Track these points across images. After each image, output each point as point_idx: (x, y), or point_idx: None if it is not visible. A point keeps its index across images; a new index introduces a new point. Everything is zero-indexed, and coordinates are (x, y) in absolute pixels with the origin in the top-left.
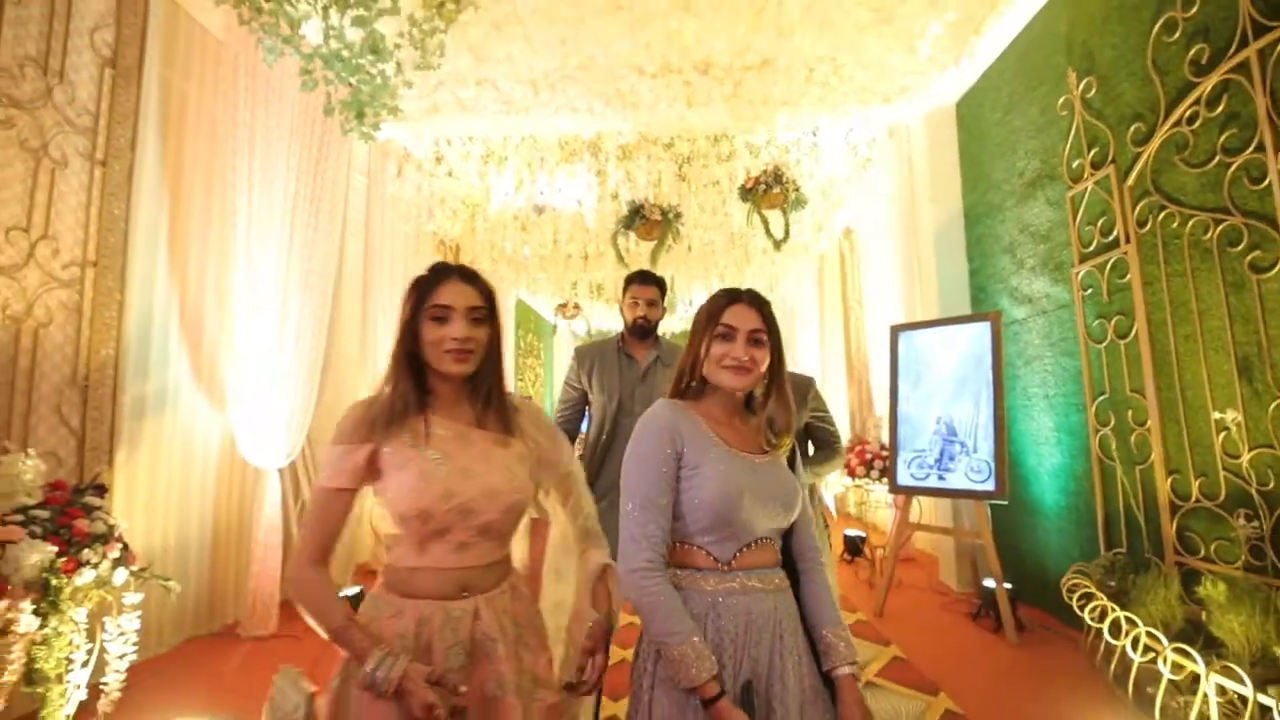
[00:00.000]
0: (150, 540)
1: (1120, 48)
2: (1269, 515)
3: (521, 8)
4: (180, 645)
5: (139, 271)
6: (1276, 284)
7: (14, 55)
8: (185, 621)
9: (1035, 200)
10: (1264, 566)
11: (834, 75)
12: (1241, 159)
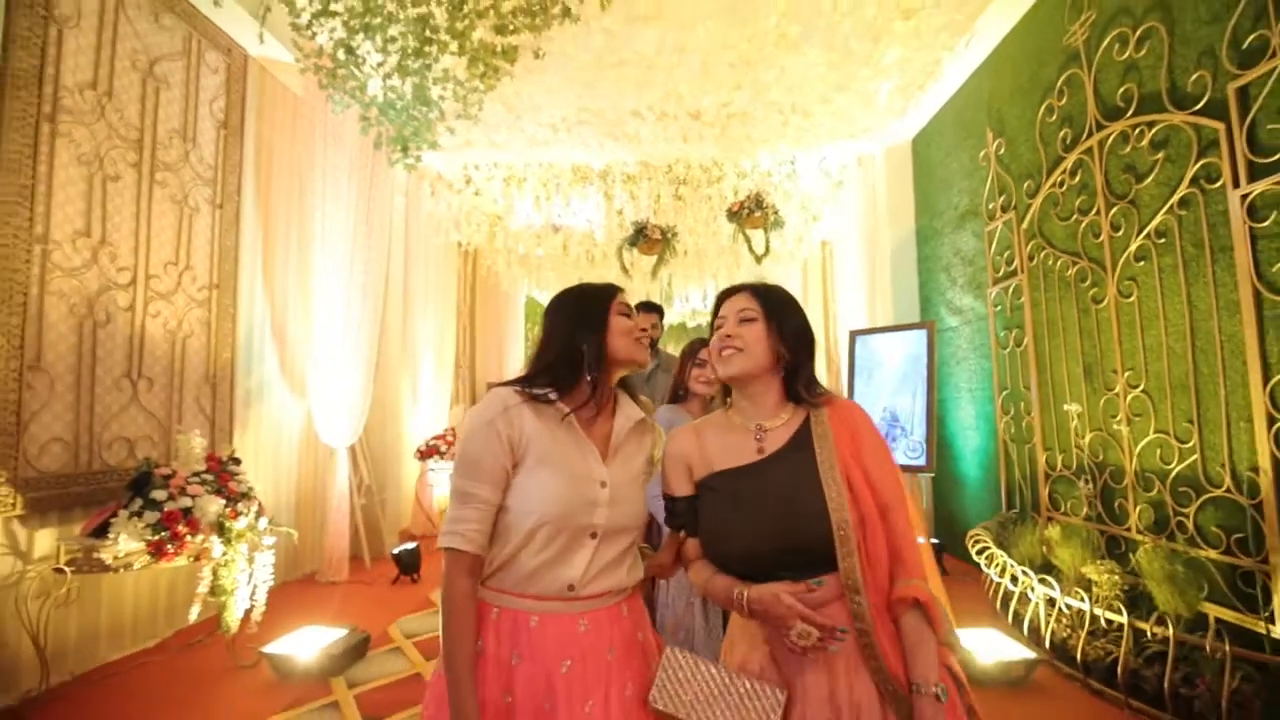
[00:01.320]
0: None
1: (1020, 119)
2: (1098, 480)
3: (547, 67)
4: (276, 588)
5: (245, 290)
6: (1107, 313)
7: (165, 130)
8: (279, 569)
9: (965, 230)
10: (1096, 516)
11: (805, 120)
12: (1088, 218)
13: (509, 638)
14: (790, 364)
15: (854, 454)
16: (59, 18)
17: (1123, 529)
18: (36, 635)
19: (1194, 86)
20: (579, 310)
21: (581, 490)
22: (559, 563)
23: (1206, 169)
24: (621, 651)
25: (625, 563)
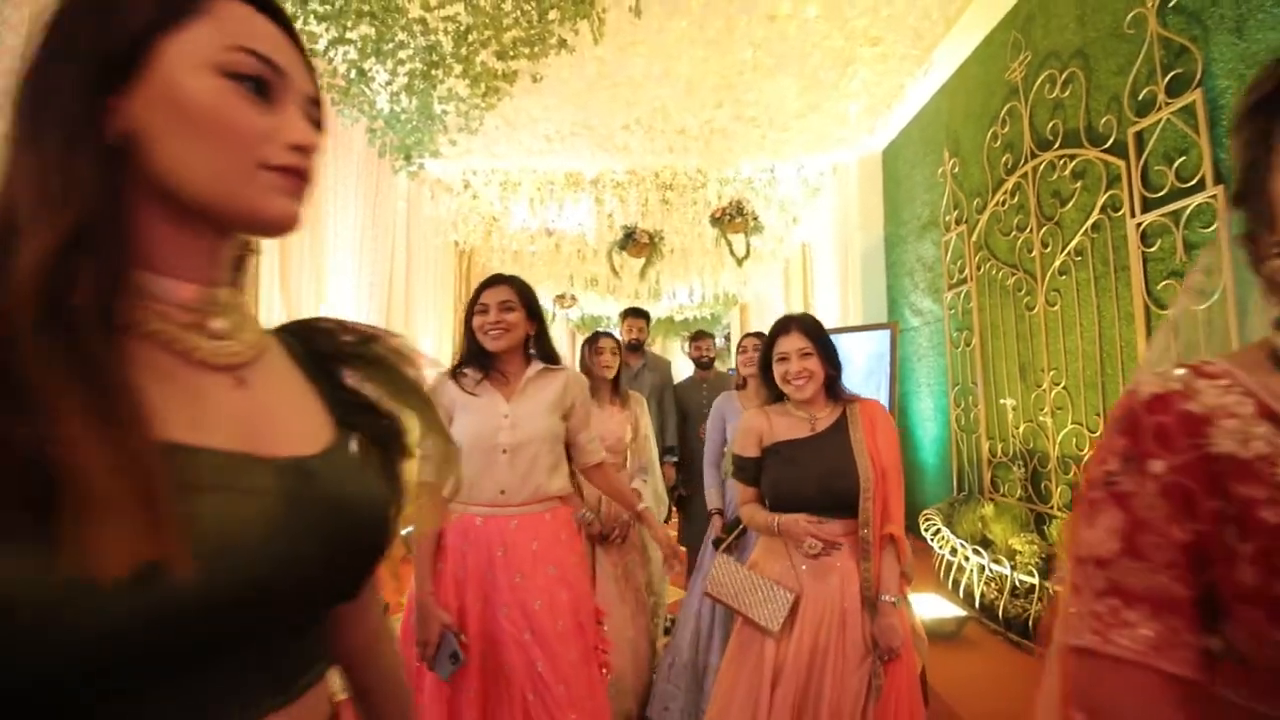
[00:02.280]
0: None
1: (972, 142)
2: (1029, 465)
3: (544, 88)
4: None
5: (264, 291)
6: (1037, 319)
7: None
8: None
9: (925, 239)
10: (1027, 496)
11: (782, 134)
12: (1023, 235)
13: (461, 533)
14: (832, 375)
15: (872, 436)
16: None
17: (1047, 507)
18: None
19: (1104, 127)
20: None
21: (487, 421)
22: (485, 475)
23: (1112, 199)
24: (544, 544)
25: (542, 471)
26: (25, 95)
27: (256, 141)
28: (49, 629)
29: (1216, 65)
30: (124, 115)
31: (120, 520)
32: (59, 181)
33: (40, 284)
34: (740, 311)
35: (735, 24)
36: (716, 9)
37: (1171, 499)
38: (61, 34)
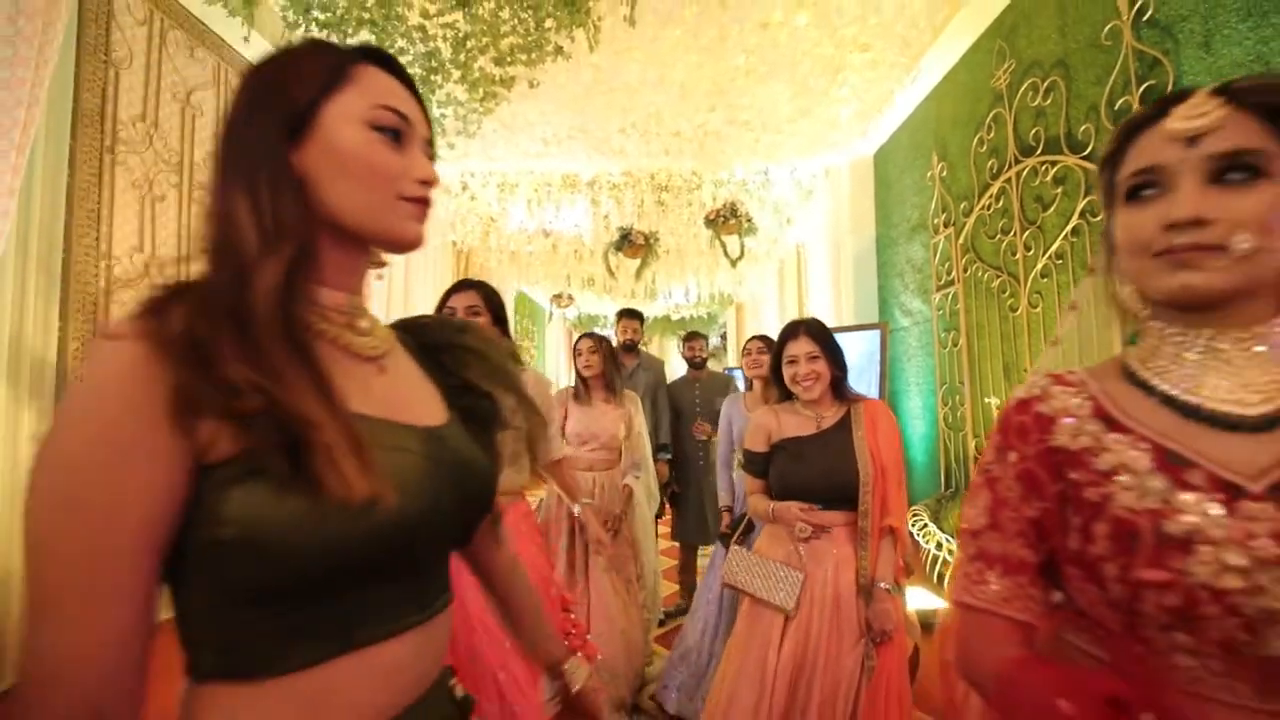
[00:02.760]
0: None
1: (959, 147)
2: None
3: (541, 93)
4: None
5: None
6: (1020, 320)
7: (200, 153)
8: None
9: (914, 241)
10: None
11: (775, 137)
12: (1007, 239)
13: None
14: (837, 377)
15: (873, 434)
16: (115, 60)
17: None
18: None
19: (1083, 135)
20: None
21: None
22: None
23: (1090, 205)
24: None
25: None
26: (229, 152)
27: (395, 178)
28: (305, 544)
29: (1187, 78)
30: (300, 163)
31: (350, 464)
32: (272, 221)
33: (277, 301)
34: (736, 311)
35: (728, 32)
36: (710, 18)
37: (1024, 483)
38: (254, 103)
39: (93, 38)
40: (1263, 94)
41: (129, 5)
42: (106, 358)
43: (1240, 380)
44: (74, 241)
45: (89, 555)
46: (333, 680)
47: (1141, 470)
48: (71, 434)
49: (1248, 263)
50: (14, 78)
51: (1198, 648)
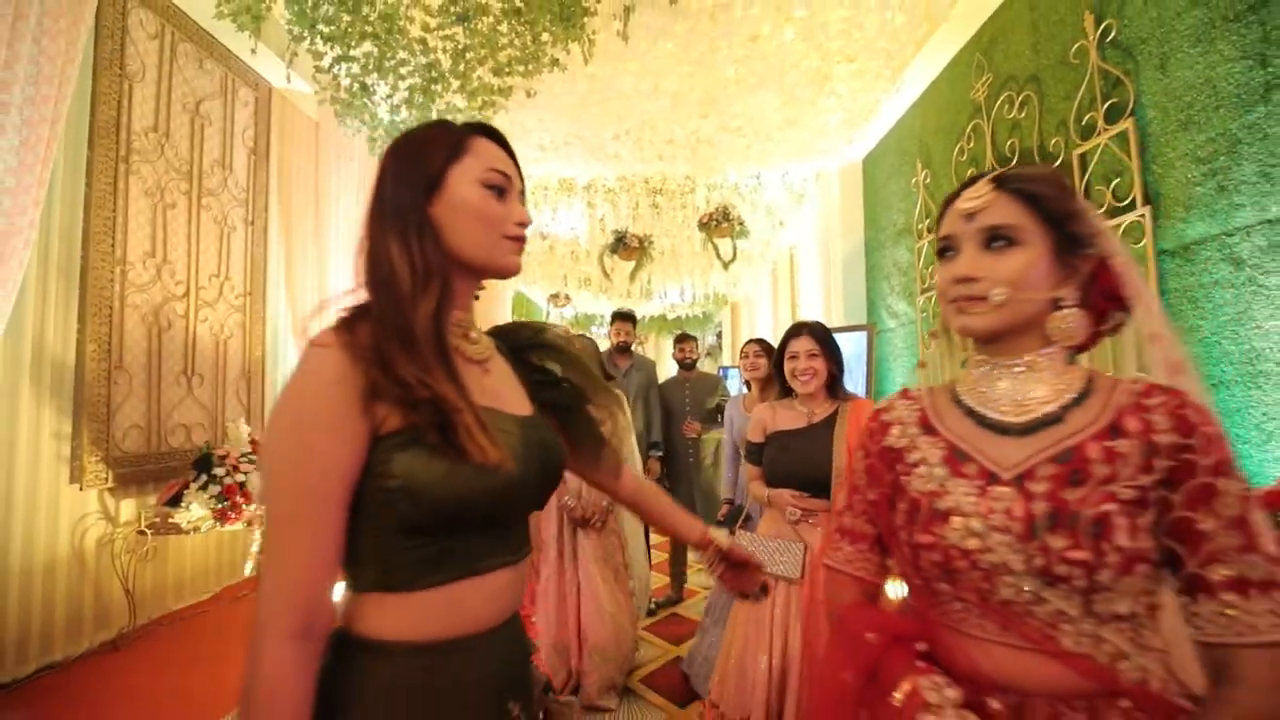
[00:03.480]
0: None
1: (941, 156)
2: None
3: (538, 102)
4: None
5: (272, 295)
6: None
7: (209, 161)
8: None
9: (900, 246)
10: None
11: (766, 144)
12: None
13: None
14: (834, 376)
15: (855, 431)
16: (129, 74)
17: None
18: (127, 585)
19: (1054, 148)
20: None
21: None
22: None
23: None
24: None
25: None
26: (382, 209)
27: (500, 223)
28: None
29: (1146, 97)
30: (433, 215)
31: (483, 438)
32: (421, 261)
33: (432, 326)
34: (731, 310)
35: (718, 45)
36: (700, 33)
37: (869, 474)
38: (400, 171)
39: (108, 53)
40: (1018, 182)
41: (142, 20)
42: (319, 359)
43: (1012, 397)
44: (91, 248)
45: (314, 492)
46: (458, 595)
47: (934, 463)
48: (299, 410)
49: (1004, 309)
50: (39, 95)
51: (958, 595)
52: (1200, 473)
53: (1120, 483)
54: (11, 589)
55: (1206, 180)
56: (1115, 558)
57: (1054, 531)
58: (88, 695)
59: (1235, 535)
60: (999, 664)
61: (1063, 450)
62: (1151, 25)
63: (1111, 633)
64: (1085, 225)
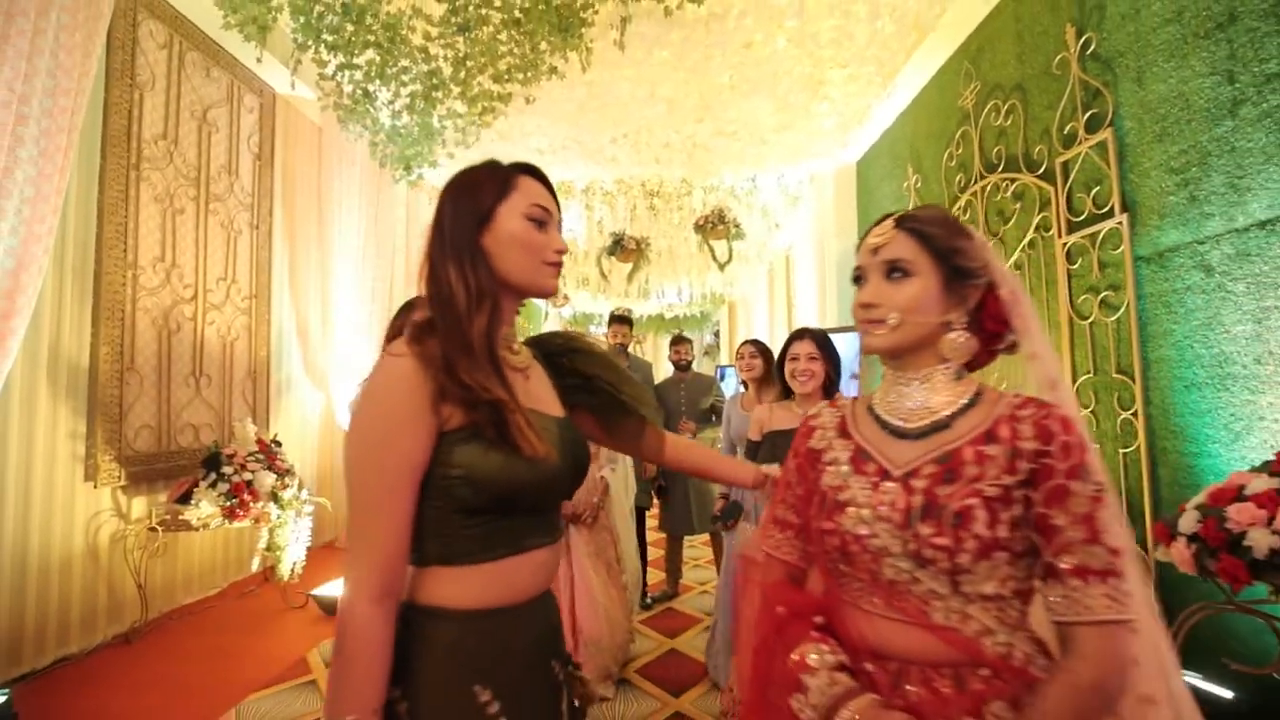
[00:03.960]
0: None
1: (931, 161)
2: None
3: (537, 107)
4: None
5: (276, 297)
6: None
7: (215, 167)
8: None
9: None
10: None
11: (761, 148)
12: None
13: None
14: (831, 379)
15: None
16: (140, 83)
17: None
18: (138, 580)
19: (1038, 155)
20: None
21: None
22: None
23: (1044, 220)
24: None
25: None
26: (441, 240)
27: (542, 251)
28: (500, 481)
29: (1124, 109)
30: (485, 245)
31: (532, 435)
32: (475, 285)
33: (486, 339)
34: (729, 310)
35: (712, 53)
36: (695, 42)
37: (798, 472)
38: (456, 206)
39: (119, 63)
40: (913, 223)
41: (152, 31)
42: (396, 366)
43: (910, 406)
44: (104, 254)
45: (394, 479)
46: (508, 569)
47: (843, 462)
48: (379, 409)
49: (899, 331)
50: (56, 107)
51: (854, 575)
52: (1056, 475)
53: (986, 481)
54: (30, 583)
55: (1179, 190)
56: (972, 544)
57: (924, 521)
58: (103, 686)
59: (1082, 530)
60: (883, 635)
61: (944, 453)
62: (1129, 39)
63: (978, 610)
64: (971, 260)
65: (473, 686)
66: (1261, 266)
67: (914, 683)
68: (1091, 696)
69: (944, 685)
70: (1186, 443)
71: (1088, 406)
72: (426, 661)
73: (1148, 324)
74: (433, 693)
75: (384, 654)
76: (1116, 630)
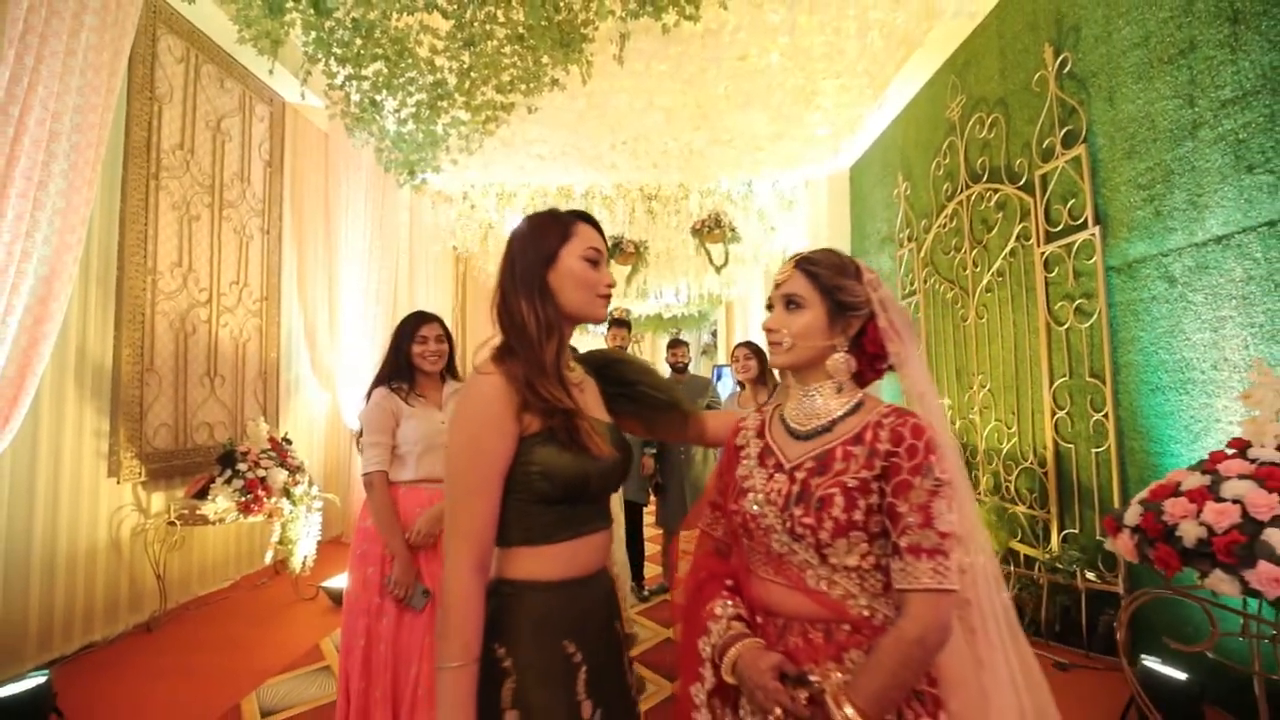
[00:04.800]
0: None
1: (920, 169)
2: (963, 456)
3: (538, 116)
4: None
5: (285, 300)
6: (969, 330)
7: (229, 174)
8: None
9: (883, 252)
10: None
11: (756, 154)
12: (959, 256)
13: (420, 502)
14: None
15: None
16: (159, 96)
17: (975, 493)
18: (158, 571)
19: (1019, 168)
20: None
21: (430, 426)
22: (434, 462)
23: (1024, 230)
24: None
25: None
26: (513, 278)
27: (595, 286)
28: (571, 476)
29: (1096, 126)
30: (550, 282)
31: (598, 438)
32: (545, 318)
33: (556, 362)
34: (726, 310)
35: (707, 67)
36: (690, 56)
37: (726, 465)
38: (526, 249)
39: (140, 78)
40: (807, 264)
41: (170, 46)
42: (486, 383)
43: (804, 412)
44: (126, 260)
45: (486, 473)
46: (575, 548)
47: (752, 456)
48: (473, 418)
49: (792, 352)
50: (85, 123)
51: (754, 548)
52: (902, 472)
53: (848, 475)
54: (59, 574)
55: (1146, 205)
56: (830, 525)
57: (798, 505)
58: (128, 672)
59: (918, 516)
60: (773, 596)
61: (822, 451)
62: (1101, 61)
63: (842, 579)
64: (853, 296)
65: (562, 641)
66: (1218, 279)
67: (794, 635)
68: (914, 648)
69: (816, 637)
70: (1152, 443)
71: (1064, 408)
72: (524, 623)
73: (1118, 330)
74: (532, 647)
75: (479, 613)
76: (939, 597)
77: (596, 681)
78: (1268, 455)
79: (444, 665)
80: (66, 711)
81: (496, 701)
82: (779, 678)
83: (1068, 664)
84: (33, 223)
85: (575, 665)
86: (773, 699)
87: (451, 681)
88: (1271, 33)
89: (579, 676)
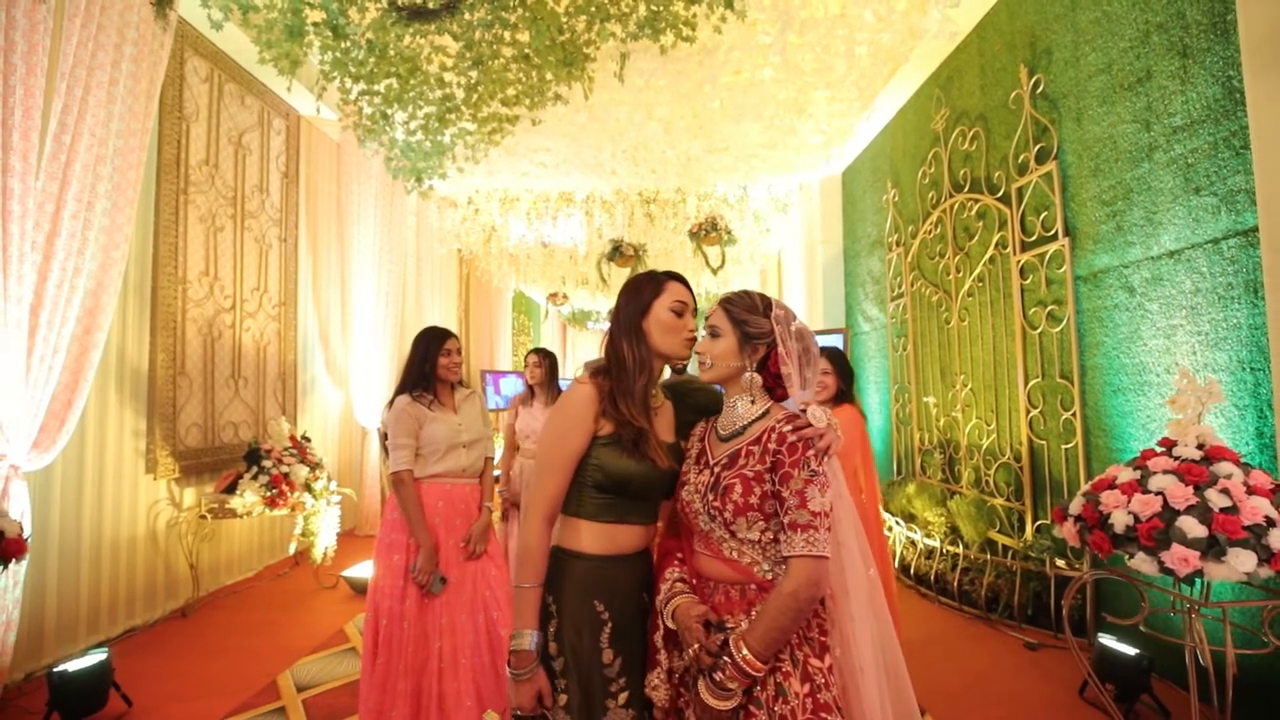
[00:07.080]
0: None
1: (908, 177)
2: (946, 452)
3: (541, 126)
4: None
5: (302, 304)
6: (953, 332)
7: (249, 186)
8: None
9: (873, 256)
10: (944, 479)
11: (751, 161)
12: (944, 261)
13: (441, 495)
14: (841, 390)
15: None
16: (186, 115)
17: (957, 486)
18: (191, 561)
19: (998, 179)
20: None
21: (450, 428)
22: (454, 460)
23: (1002, 239)
24: (478, 500)
25: (479, 456)
26: (619, 324)
27: (680, 332)
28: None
29: (1066, 144)
30: (644, 327)
31: (661, 452)
32: (639, 357)
33: (644, 395)
34: None
35: (703, 82)
36: (688, 74)
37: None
38: (629, 301)
39: (170, 99)
40: (726, 304)
41: (195, 67)
42: (581, 390)
43: (727, 420)
44: (159, 271)
45: (565, 456)
46: (615, 531)
47: (694, 456)
48: (567, 414)
49: (714, 370)
50: (126, 146)
51: (693, 529)
52: (784, 465)
53: (748, 468)
54: (104, 563)
55: (1109, 220)
56: (731, 507)
57: (711, 492)
58: (170, 653)
59: (796, 499)
60: (703, 565)
61: (734, 450)
62: (1070, 83)
63: (749, 550)
64: (757, 329)
65: (594, 600)
66: (1170, 290)
67: (719, 594)
68: (789, 600)
69: (734, 594)
70: (1114, 440)
71: (1037, 407)
72: (568, 582)
73: (1084, 336)
74: (571, 600)
75: (545, 552)
76: (811, 562)
77: (619, 636)
78: (1188, 453)
79: (520, 585)
80: (122, 685)
81: (546, 632)
82: (703, 624)
83: (1036, 644)
84: (83, 240)
85: (603, 621)
86: (693, 638)
87: (526, 596)
88: (1214, 67)
89: (604, 630)
